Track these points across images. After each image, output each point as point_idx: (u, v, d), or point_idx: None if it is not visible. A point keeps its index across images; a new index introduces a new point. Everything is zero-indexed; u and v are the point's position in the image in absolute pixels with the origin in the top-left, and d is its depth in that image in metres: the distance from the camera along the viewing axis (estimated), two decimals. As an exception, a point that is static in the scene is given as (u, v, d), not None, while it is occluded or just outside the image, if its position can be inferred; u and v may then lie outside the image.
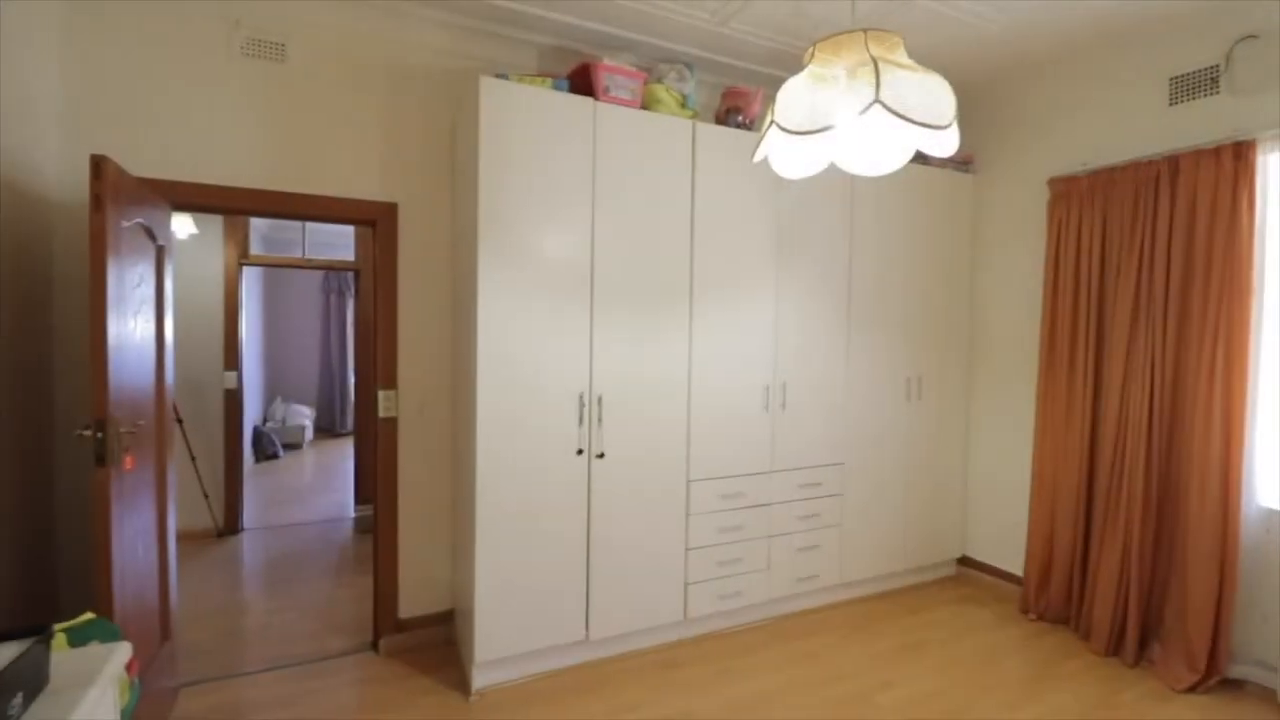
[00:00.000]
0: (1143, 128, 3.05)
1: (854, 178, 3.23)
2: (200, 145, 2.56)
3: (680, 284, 2.89)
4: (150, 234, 2.33)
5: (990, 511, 3.77)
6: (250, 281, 6.97)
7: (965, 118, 3.77)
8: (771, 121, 1.55)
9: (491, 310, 2.47)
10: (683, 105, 2.93)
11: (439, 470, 2.99)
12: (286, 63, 2.67)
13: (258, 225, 6.01)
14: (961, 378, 3.84)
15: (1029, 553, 3.42)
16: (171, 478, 2.50)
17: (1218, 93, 2.80)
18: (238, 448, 4.71)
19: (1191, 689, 2.67)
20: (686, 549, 2.95)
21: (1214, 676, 2.68)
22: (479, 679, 2.57)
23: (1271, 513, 2.65)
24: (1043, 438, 3.36)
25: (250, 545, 4.41)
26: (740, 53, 3.17)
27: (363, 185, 2.81)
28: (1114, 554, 2.99)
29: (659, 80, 2.96)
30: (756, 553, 3.14)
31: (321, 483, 6.29)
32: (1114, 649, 2.97)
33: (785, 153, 1.65)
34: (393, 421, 2.87)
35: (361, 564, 3.95)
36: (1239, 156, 2.64)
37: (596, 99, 2.66)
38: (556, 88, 2.61)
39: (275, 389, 8.38)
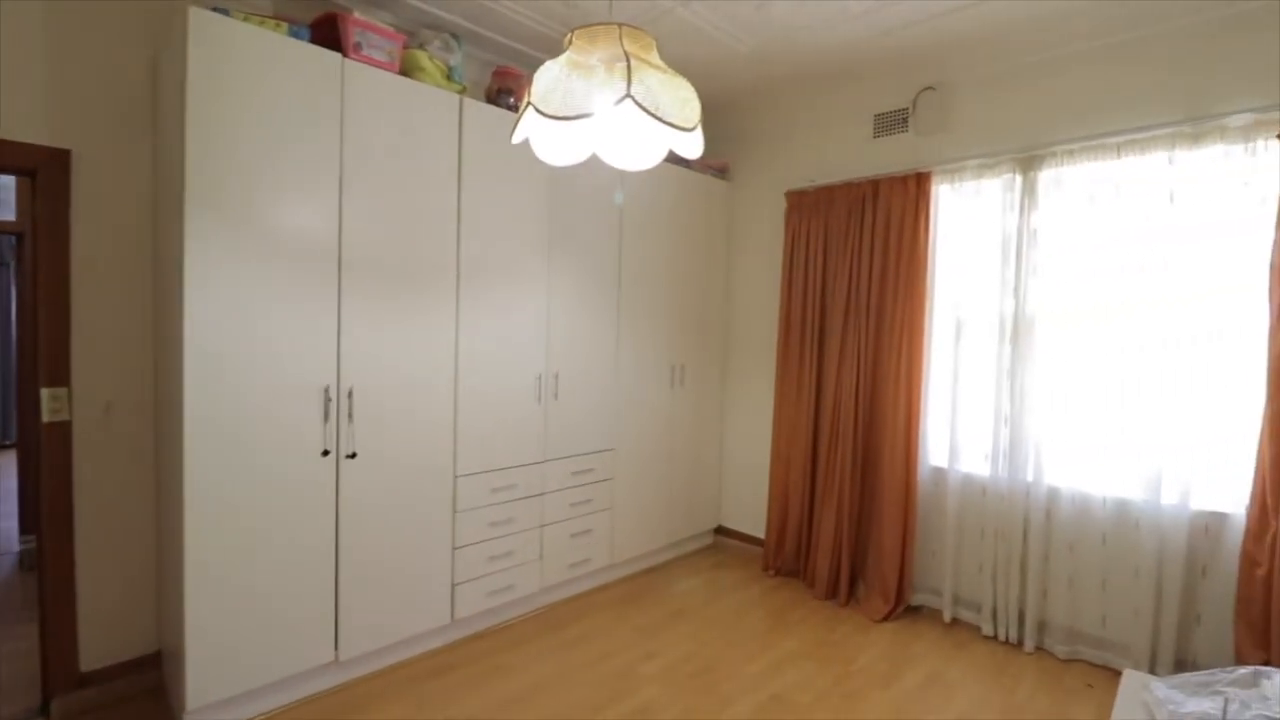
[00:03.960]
0: (855, 153, 3.62)
1: (623, 173, 3.32)
2: None
3: (446, 269, 2.72)
4: None
5: (740, 484, 4.21)
6: None
7: (721, 128, 4.12)
8: (529, 103, 1.50)
9: (203, 288, 2.06)
10: (448, 77, 2.75)
11: (135, 484, 2.43)
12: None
13: None
14: (718, 366, 4.21)
15: (769, 518, 3.89)
16: None
17: (906, 131, 3.41)
18: None
19: (885, 618, 3.26)
20: (454, 548, 2.81)
21: (901, 605, 3.31)
22: (195, 728, 2.17)
23: (938, 470, 3.34)
24: (779, 417, 3.84)
25: None
26: (511, 31, 3.06)
27: (17, 124, 2.15)
28: (831, 512, 3.53)
29: (421, 46, 2.74)
30: (529, 544, 3.11)
31: (-30, 508, 4.83)
32: (832, 593, 3.52)
33: (546, 138, 1.61)
34: (64, 426, 2.25)
35: (29, 609, 3.10)
36: (919, 185, 3.25)
37: (345, 56, 2.36)
38: (294, 35, 2.26)
39: (-109, 388, 6.23)
